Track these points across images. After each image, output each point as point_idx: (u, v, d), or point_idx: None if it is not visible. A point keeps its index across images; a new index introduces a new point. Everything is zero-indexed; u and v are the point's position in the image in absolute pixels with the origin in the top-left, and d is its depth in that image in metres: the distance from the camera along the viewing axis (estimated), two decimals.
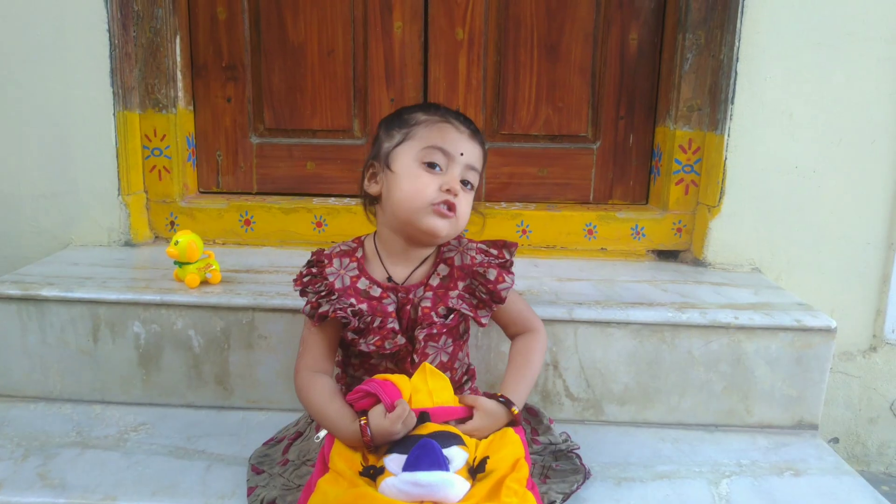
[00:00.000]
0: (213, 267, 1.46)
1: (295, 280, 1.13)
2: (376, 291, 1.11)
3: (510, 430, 1.06)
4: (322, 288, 1.10)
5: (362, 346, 1.08)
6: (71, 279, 1.47)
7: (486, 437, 1.03)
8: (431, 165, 1.08)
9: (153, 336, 1.40)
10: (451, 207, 1.07)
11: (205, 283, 1.45)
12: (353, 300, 1.09)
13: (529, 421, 1.27)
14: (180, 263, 1.44)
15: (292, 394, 1.38)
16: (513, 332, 1.22)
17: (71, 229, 1.74)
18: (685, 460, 1.29)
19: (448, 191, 1.06)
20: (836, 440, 1.79)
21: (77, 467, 1.20)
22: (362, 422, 0.98)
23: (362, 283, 1.11)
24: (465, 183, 1.10)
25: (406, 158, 1.09)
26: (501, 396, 1.09)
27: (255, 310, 1.38)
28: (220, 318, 1.39)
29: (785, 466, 1.28)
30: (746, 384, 1.40)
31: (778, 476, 1.25)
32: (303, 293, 1.12)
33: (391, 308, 1.10)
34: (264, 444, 1.25)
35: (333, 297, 1.08)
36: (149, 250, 1.74)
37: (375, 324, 1.08)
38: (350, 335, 1.08)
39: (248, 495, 1.10)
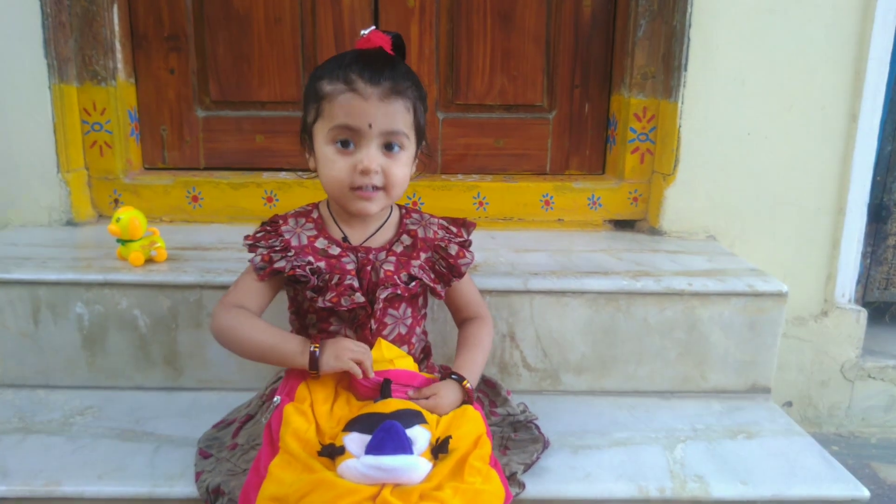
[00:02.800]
0: (158, 244, 1.41)
1: (246, 237, 1.10)
2: (335, 250, 1.09)
3: (469, 406, 1.05)
4: (277, 244, 1.08)
5: (319, 302, 1.05)
6: (8, 260, 1.41)
7: (446, 414, 1.03)
8: (344, 144, 1.03)
9: (97, 317, 1.35)
10: (373, 187, 1.04)
11: (150, 261, 1.40)
12: (310, 258, 1.07)
13: (487, 393, 1.26)
14: (123, 241, 1.38)
15: (245, 373, 1.36)
16: (462, 317, 1.23)
17: (9, 209, 1.66)
18: (641, 427, 1.30)
19: (362, 172, 1.02)
20: (789, 404, 1.82)
21: (19, 453, 1.15)
22: (313, 348, 1.01)
23: (320, 243, 1.09)
24: (390, 147, 1.04)
25: (320, 139, 1.05)
26: (454, 373, 1.09)
27: (203, 287, 1.34)
28: (167, 297, 1.34)
29: (738, 430, 1.30)
30: (701, 350, 1.41)
31: (731, 439, 1.26)
32: (252, 248, 1.08)
33: (350, 266, 1.08)
34: (214, 426, 1.21)
35: (290, 254, 1.07)
36: (91, 229, 1.67)
37: (334, 281, 1.06)
38: (309, 293, 1.06)
39: (196, 480, 1.07)
